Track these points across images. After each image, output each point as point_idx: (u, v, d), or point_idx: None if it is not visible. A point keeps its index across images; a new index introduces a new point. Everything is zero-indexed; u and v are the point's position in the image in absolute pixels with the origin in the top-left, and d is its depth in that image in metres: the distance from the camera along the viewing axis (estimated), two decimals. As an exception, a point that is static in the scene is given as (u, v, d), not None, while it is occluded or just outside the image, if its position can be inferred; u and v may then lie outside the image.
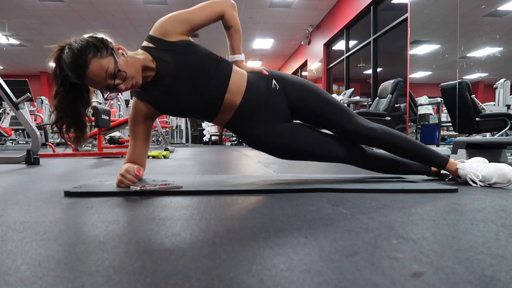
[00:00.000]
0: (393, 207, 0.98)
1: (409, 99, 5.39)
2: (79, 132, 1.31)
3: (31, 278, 0.49)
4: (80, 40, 1.24)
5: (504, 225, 0.79)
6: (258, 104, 1.43)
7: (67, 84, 1.26)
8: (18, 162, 2.61)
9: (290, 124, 1.47)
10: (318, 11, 8.64)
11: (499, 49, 5.80)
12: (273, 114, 1.45)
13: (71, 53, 1.21)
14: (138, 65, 1.31)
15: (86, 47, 1.21)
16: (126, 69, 1.26)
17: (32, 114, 7.18)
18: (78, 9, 8.38)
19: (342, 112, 1.46)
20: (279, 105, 1.45)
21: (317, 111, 1.45)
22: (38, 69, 14.52)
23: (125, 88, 1.28)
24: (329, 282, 0.47)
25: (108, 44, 1.26)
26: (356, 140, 1.49)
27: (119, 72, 1.24)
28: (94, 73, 1.21)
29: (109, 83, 1.24)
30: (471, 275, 0.49)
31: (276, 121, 1.45)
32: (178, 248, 0.62)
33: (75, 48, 1.21)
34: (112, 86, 1.25)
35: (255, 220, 0.83)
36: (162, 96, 1.37)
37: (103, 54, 1.22)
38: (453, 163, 1.49)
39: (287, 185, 1.33)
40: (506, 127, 3.81)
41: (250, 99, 1.41)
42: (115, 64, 1.23)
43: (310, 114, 1.47)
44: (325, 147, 1.45)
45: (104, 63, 1.22)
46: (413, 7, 5.27)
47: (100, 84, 1.25)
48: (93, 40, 1.24)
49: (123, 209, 0.97)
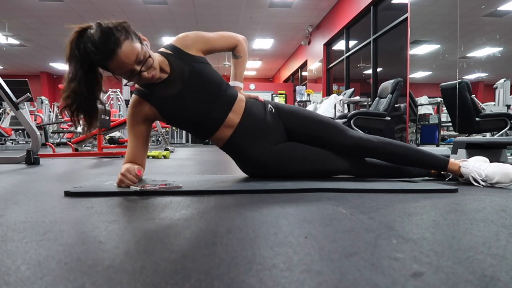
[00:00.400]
0: (393, 207, 0.98)
1: (409, 99, 5.39)
2: (91, 117, 1.30)
3: (31, 278, 0.49)
4: (106, 23, 1.21)
5: (504, 225, 0.79)
6: (256, 123, 1.49)
7: (85, 66, 1.21)
8: (18, 162, 2.61)
9: (287, 144, 1.54)
10: (318, 11, 8.63)
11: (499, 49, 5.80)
12: (269, 134, 1.51)
13: (101, 30, 1.17)
14: (157, 62, 1.34)
15: (118, 28, 1.20)
16: (153, 57, 1.30)
17: (32, 114, 7.18)
18: (78, 9, 8.38)
19: (337, 129, 1.53)
20: (276, 127, 1.53)
21: (318, 134, 1.52)
22: (38, 69, 14.52)
23: (148, 76, 1.28)
24: (329, 282, 0.47)
25: (137, 33, 1.28)
26: (354, 153, 1.52)
27: (149, 58, 1.26)
28: (125, 54, 1.19)
29: (136, 68, 1.24)
30: (471, 275, 0.49)
31: (274, 141, 1.51)
32: (178, 248, 0.62)
33: (106, 26, 1.18)
34: (137, 72, 1.25)
35: (255, 220, 0.83)
36: (169, 100, 1.39)
37: (134, 39, 1.23)
38: (454, 163, 1.49)
39: (287, 185, 1.33)
40: (506, 127, 3.81)
41: (248, 117, 1.49)
42: (145, 50, 1.26)
43: (310, 137, 1.53)
44: (325, 162, 1.51)
45: (136, 46, 1.23)
46: (413, 7, 5.27)
47: (125, 68, 1.23)
48: (124, 24, 1.23)
49: (123, 209, 0.97)
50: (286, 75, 13.71)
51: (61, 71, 14.68)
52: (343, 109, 5.45)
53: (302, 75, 11.99)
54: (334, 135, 1.51)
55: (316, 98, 7.96)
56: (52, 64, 13.73)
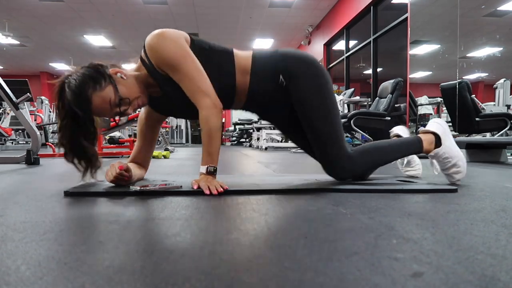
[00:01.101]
0: (393, 207, 0.98)
1: (409, 99, 5.39)
2: (88, 163, 1.32)
3: (31, 278, 0.49)
4: (77, 74, 1.23)
5: (504, 225, 0.79)
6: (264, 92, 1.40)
7: (71, 115, 1.26)
8: (18, 162, 2.61)
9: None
10: (318, 11, 8.64)
11: (499, 49, 5.80)
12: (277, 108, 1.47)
13: (71, 92, 1.21)
14: (140, 84, 1.30)
15: (84, 82, 1.21)
16: (128, 93, 1.26)
17: (32, 114, 7.18)
18: (78, 9, 8.38)
19: (333, 146, 1.40)
20: (282, 101, 1.43)
21: (311, 138, 1.43)
22: (38, 69, 14.53)
23: (133, 111, 1.30)
24: (329, 282, 0.47)
25: (105, 72, 1.24)
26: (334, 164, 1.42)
27: (122, 100, 1.24)
28: (98, 107, 1.22)
29: (116, 111, 1.26)
30: (471, 275, 0.49)
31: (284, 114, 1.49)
32: (178, 248, 0.62)
33: (73, 86, 1.21)
34: (119, 113, 1.27)
35: (255, 220, 0.83)
36: (161, 99, 1.39)
37: (102, 85, 1.22)
38: (427, 141, 1.48)
39: (287, 185, 1.33)
40: (506, 127, 3.82)
41: (257, 80, 1.37)
42: (115, 93, 1.23)
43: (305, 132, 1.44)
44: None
45: (106, 95, 1.22)
46: (413, 7, 5.27)
47: (107, 115, 1.27)
48: (90, 72, 1.23)
49: (123, 209, 0.97)
50: (286, 75, 13.69)
51: (61, 71, 14.69)
52: (343, 109, 5.45)
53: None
54: (323, 148, 1.40)
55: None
56: (52, 64, 13.73)
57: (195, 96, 1.25)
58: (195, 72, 1.24)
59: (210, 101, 1.24)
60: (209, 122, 1.23)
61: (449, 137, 1.49)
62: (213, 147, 1.25)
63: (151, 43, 1.24)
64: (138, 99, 1.29)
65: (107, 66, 1.27)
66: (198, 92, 1.24)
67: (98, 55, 11.75)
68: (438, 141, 1.47)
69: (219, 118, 1.25)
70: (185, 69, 1.23)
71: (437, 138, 1.47)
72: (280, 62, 1.38)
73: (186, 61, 1.23)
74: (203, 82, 1.25)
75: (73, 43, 10.86)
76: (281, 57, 1.39)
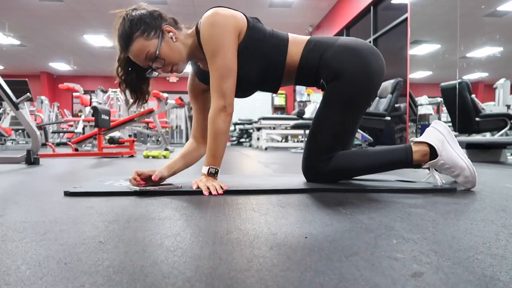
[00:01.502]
0: (393, 207, 0.98)
1: (409, 99, 5.39)
2: (136, 94, 1.35)
3: (31, 278, 0.49)
4: (137, 13, 1.26)
5: (504, 225, 0.79)
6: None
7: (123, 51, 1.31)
8: (18, 162, 2.61)
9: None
10: (318, 11, 8.64)
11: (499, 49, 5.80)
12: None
13: (122, 26, 1.25)
14: (184, 53, 1.32)
15: (137, 22, 1.24)
16: (167, 55, 1.28)
17: (32, 114, 7.18)
18: (78, 9, 8.38)
19: (319, 147, 1.38)
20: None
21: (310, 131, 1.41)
22: (38, 69, 14.52)
23: (164, 72, 1.31)
24: (329, 282, 0.47)
25: (160, 26, 1.27)
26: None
27: (157, 58, 1.26)
28: (135, 52, 1.26)
29: (148, 64, 1.28)
30: (471, 275, 0.49)
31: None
32: (178, 248, 0.62)
33: (127, 20, 1.24)
34: (150, 67, 1.28)
35: (255, 220, 0.83)
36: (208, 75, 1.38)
37: (150, 35, 1.25)
38: (420, 152, 1.32)
39: (287, 185, 1.33)
40: (506, 127, 3.82)
41: (301, 74, 1.40)
42: (156, 48, 1.25)
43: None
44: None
45: (147, 45, 1.25)
46: (413, 7, 5.27)
47: (140, 62, 1.29)
48: (147, 17, 1.26)
49: (123, 209, 0.97)
50: (286, 75, 13.69)
51: (61, 71, 14.69)
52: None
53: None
54: (314, 142, 1.38)
55: (316, 98, 7.96)
56: (52, 64, 13.72)
57: (213, 93, 1.27)
58: (224, 70, 1.25)
59: (222, 104, 1.25)
60: (216, 124, 1.25)
61: (451, 145, 1.30)
62: (217, 149, 1.26)
63: (203, 22, 1.27)
64: (174, 66, 1.31)
65: (165, 20, 1.30)
66: (216, 91, 1.26)
67: (98, 55, 11.75)
68: (433, 152, 1.30)
69: (226, 122, 1.26)
70: (217, 63, 1.25)
71: (432, 149, 1.30)
72: (327, 64, 1.33)
73: (221, 55, 1.24)
74: (225, 83, 1.25)
75: (73, 43, 10.86)
76: (331, 57, 1.32)
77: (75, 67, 13.37)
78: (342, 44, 1.35)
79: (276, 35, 1.36)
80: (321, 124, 1.37)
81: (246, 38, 1.30)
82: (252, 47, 1.31)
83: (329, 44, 1.36)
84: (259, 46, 1.32)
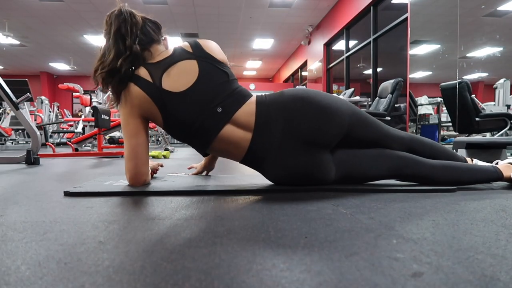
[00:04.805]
0: (393, 207, 0.98)
1: (409, 99, 5.39)
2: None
3: (31, 278, 0.49)
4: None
5: (504, 225, 0.79)
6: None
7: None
8: (18, 162, 2.61)
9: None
10: (318, 11, 8.63)
11: (499, 49, 5.80)
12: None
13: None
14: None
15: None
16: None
17: (32, 114, 7.17)
18: (78, 9, 8.38)
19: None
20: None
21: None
22: (38, 69, 14.52)
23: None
24: (329, 282, 0.47)
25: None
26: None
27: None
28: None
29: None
30: (471, 275, 0.49)
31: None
32: (178, 248, 0.62)
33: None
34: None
35: (255, 220, 0.83)
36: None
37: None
38: (507, 169, 1.37)
39: (287, 185, 1.33)
40: (506, 127, 3.81)
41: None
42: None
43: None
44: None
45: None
46: (413, 7, 5.27)
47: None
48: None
49: (123, 209, 0.97)
50: (286, 75, 13.71)
51: (61, 71, 14.68)
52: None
53: (302, 75, 11.98)
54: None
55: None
56: (52, 64, 13.72)
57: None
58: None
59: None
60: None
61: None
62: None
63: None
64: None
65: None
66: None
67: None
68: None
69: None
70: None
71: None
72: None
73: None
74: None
75: (73, 43, 10.85)
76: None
77: (75, 67, 13.37)
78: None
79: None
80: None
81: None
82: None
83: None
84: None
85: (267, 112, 1.22)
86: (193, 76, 1.21)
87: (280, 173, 1.23)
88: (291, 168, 1.21)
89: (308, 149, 1.20)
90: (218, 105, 1.20)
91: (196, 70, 1.22)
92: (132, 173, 1.27)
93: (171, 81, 1.20)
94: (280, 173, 1.23)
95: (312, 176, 1.22)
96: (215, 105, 1.20)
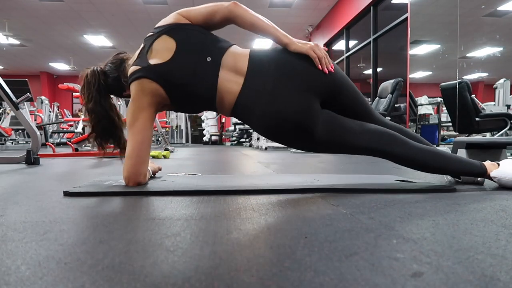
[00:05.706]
0: (393, 207, 0.98)
1: (409, 99, 5.40)
2: (116, 142, 1.47)
3: (31, 278, 0.49)
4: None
5: (504, 225, 0.79)
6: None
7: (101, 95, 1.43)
8: (18, 162, 2.61)
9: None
10: (318, 11, 8.64)
11: (499, 49, 5.80)
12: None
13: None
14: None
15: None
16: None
17: (32, 114, 7.17)
18: (78, 9, 8.38)
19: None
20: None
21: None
22: (38, 69, 14.52)
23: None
24: (329, 282, 0.47)
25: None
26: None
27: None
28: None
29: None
30: (471, 275, 0.49)
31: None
32: (178, 248, 0.62)
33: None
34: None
35: (255, 220, 0.83)
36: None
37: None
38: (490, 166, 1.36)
39: (287, 185, 1.33)
40: (506, 127, 3.82)
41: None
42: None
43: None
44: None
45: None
46: (413, 7, 5.27)
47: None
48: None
49: (123, 209, 0.97)
50: (286, 75, 13.69)
51: (61, 71, 14.68)
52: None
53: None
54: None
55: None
56: (52, 64, 13.72)
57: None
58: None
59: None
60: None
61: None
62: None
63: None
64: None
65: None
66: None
67: (98, 55, 11.75)
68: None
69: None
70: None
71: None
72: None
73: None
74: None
75: (73, 43, 10.85)
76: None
77: (75, 67, 13.37)
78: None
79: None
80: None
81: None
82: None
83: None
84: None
85: (259, 58, 1.29)
86: (172, 45, 1.28)
87: (269, 123, 1.23)
88: (282, 114, 1.20)
89: (301, 91, 1.22)
90: (206, 56, 1.28)
91: (171, 41, 1.30)
92: (130, 171, 1.28)
93: (156, 58, 1.28)
94: (269, 123, 1.22)
95: (300, 125, 1.21)
96: (203, 57, 1.27)
